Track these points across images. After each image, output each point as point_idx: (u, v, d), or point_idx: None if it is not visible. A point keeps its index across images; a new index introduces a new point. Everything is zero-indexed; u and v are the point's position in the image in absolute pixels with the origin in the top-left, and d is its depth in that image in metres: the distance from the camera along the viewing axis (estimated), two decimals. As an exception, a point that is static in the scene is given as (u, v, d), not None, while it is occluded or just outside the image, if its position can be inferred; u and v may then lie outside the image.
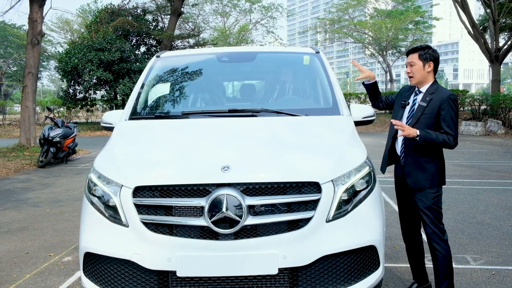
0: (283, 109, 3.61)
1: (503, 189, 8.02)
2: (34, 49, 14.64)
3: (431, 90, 3.45)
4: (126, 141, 3.38)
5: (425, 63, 3.46)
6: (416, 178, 3.45)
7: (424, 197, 3.43)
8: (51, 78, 68.34)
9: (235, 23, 50.30)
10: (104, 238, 2.76)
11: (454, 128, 3.36)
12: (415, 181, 3.45)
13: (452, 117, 3.36)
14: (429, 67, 3.46)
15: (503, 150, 13.88)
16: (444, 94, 3.40)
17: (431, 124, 3.38)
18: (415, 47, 3.54)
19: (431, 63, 3.47)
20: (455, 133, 3.36)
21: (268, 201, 2.59)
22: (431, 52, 3.47)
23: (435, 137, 3.31)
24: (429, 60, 3.46)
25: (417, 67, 3.47)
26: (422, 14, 44.72)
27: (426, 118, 3.39)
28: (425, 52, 3.47)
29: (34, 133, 14.82)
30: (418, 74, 3.47)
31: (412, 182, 3.47)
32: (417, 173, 3.44)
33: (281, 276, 2.62)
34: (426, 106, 3.41)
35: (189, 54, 4.86)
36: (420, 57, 3.46)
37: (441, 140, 3.31)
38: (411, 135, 3.31)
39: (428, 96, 3.43)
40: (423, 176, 3.43)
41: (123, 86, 24.88)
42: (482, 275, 4.15)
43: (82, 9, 46.18)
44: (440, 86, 3.51)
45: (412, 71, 3.50)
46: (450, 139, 3.33)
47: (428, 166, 3.43)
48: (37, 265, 4.62)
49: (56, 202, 7.56)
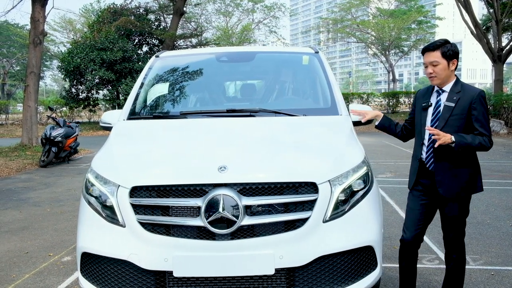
0: (281, 109, 3.60)
1: (505, 189, 7.99)
2: (36, 49, 14.67)
3: (456, 89, 3.16)
4: (123, 141, 3.38)
5: (449, 61, 3.13)
6: (450, 187, 3.15)
7: (456, 206, 3.19)
8: (54, 77, 68.51)
9: (237, 23, 50.32)
10: (101, 238, 2.76)
11: (488, 128, 3.11)
12: (448, 189, 3.16)
13: (485, 116, 3.10)
14: (453, 65, 3.15)
15: (505, 150, 13.84)
16: (474, 92, 3.12)
17: (461, 126, 3.10)
18: (436, 44, 3.16)
19: (455, 60, 3.16)
20: (489, 133, 3.12)
21: (265, 201, 2.59)
22: (454, 48, 3.14)
23: (471, 140, 3.04)
24: (453, 58, 3.14)
25: (441, 66, 3.12)
26: (425, 14, 44.64)
27: (455, 119, 3.11)
28: (448, 49, 3.12)
29: (36, 133, 14.85)
30: (443, 74, 3.14)
31: (445, 191, 3.16)
32: (451, 181, 3.15)
33: (278, 276, 2.61)
34: (455, 106, 3.12)
35: (188, 54, 4.86)
36: (444, 55, 3.12)
37: (477, 143, 3.04)
38: (446, 142, 3.02)
39: (455, 95, 3.14)
40: (457, 183, 3.14)
41: (125, 86, 24.93)
42: (481, 275, 4.13)
43: (85, 9, 46.27)
44: (464, 83, 3.22)
45: (436, 71, 3.14)
46: (486, 140, 3.07)
47: (461, 172, 3.15)
48: (36, 265, 4.63)
49: (57, 202, 7.58)
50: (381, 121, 3.54)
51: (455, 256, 3.27)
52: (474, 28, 22.95)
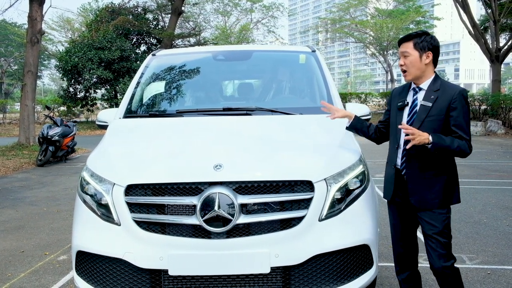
0: (278, 107, 3.60)
1: (501, 189, 8.00)
2: (34, 48, 14.64)
3: (434, 87, 2.84)
4: (119, 139, 3.37)
5: (422, 53, 2.83)
6: (422, 196, 2.83)
7: (433, 220, 2.82)
8: (52, 77, 68.41)
9: (236, 23, 50.32)
10: (96, 236, 2.75)
11: (468, 132, 2.78)
12: (421, 199, 2.84)
13: (465, 117, 2.77)
14: (427, 58, 2.84)
15: (503, 150, 13.86)
16: (453, 90, 2.78)
17: (438, 129, 2.77)
18: (409, 34, 2.89)
19: (430, 53, 2.84)
20: (469, 137, 2.78)
21: (260, 199, 2.58)
22: (428, 39, 2.84)
23: (449, 143, 2.71)
24: (426, 50, 2.83)
25: (412, 58, 2.84)
26: (423, 14, 44.67)
27: (432, 121, 2.79)
28: (422, 39, 2.83)
29: (34, 132, 14.82)
30: (414, 67, 2.85)
31: (417, 200, 2.85)
32: (424, 189, 2.83)
33: (274, 275, 2.61)
34: (432, 106, 2.80)
35: (185, 53, 4.85)
36: (416, 46, 2.83)
37: (455, 147, 2.70)
38: (422, 142, 2.69)
39: (433, 94, 2.82)
40: (430, 193, 2.81)
41: (123, 85, 24.86)
42: (477, 274, 4.13)
43: (83, 8, 46.25)
44: (444, 81, 2.89)
45: (406, 63, 2.86)
46: (465, 145, 2.74)
47: (437, 180, 2.82)
48: (32, 263, 4.61)
49: (54, 201, 7.56)
50: (352, 122, 3.22)
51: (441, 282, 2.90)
52: (472, 28, 22.97)
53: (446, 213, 2.84)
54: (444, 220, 2.82)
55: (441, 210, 2.83)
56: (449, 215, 2.86)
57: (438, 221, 2.82)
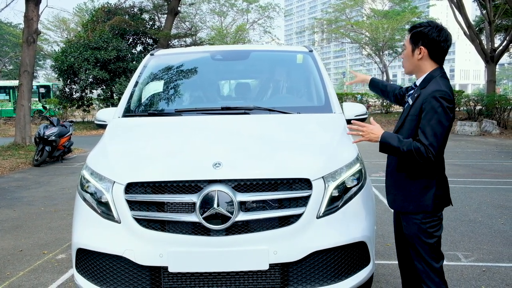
0: (276, 106, 3.63)
1: (496, 188, 8.07)
2: (30, 48, 14.61)
3: (423, 84, 2.66)
4: (119, 138, 3.40)
5: (414, 48, 2.67)
6: (394, 198, 2.77)
7: (407, 222, 2.73)
8: (48, 77, 68.09)
9: (232, 23, 50.32)
10: (96, 234, 2.77)
11: (430, 136, 2.52)
12: (393, 200, 2.79)
13: (431, 121, 2.52)
14: (419, 54, 2.65)
15: (498, 150, 13.94)
16: (430, 89, 2.58)
17: (413, 129, 2.62)
18: (414, 25, 2.69)
19: (422, 48, 2.64)
20: (431, 142, 2.51)
21: (259, 197, 2.61)
22: (426, 32, 2.61)
23: (398, 144, 2.55)
24: (419, 44, 2.64)
25: (406, 52, 2.72)
26: (418, 15, 44.78)
27: (409, 121, 2.65)
28: (418, 31, 2.64)
29: (30, 132, 14.79)
30: (408, 61, 2.73)
31: (390, 201, 2.82)
32: (397, 190, 2.74)
33: (272, 271, 2.64)
34: (412, 104, 2.66)
35: (183, 52, 4.87)
36: (411, 38, 2.68)
37: (405, 149, 2.52)
38: (373, 140, 2.67)
39: (418, 91, 2.67)
40: (402, 196, 2.71)
41: (119, 85, 24.82)
42: (472, 271, 4.18)
43: (79, 8, 46.08)
44: (437, 78, 2.63)
45: (403, 56, 2.77)
46: (421, 149, 2.50)
47: (410, 183, 2.67)
48: (30, 262, 4.63)
49: (51, 201, 7.56)
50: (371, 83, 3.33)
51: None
52: (467, 29, 23.10)
53: (419, 219, 2.65)
54: (419, 225, 2.66)
55: (414, 216, 2.67)
56: (427, 221, 2.65)
57: (411, 226, 2.70)
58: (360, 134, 2.71)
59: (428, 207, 2.64)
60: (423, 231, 2.67)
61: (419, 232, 2.68)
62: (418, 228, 2.67)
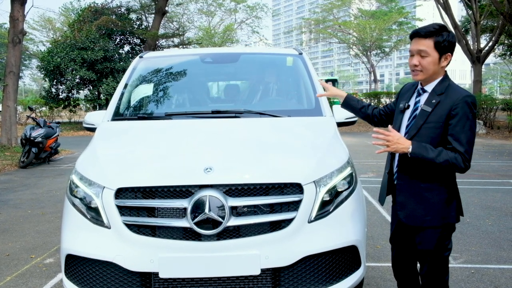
0: (266, 110, 3.63)
1: (483, 188, 8.15)
2: (16, 48, 14.44)
3: (439, 90, 2.53)
4: (108, 142, 3.37)
5: (441, 55, 2.50)
6: (414, 212, 2.59)
7: (424, 237, 2.60)
8: (33, 77, 67.43)
9: (220, 23, 50.24)
10: (86, 240, 2.74)
11: (465, 143, 2.42)
12: (411, 215, 2.60)
13: (465, 127, 2.42)
14: (445, 61, 2.52)
15: (484, 150, 14.09)
16: (457, 95, 2.46)
17: (436, 138, 2.49)
18: (429, 30, 2.48)
19: (449, 54, 2.52)
20: (466, 149, 2.42)
21: (250, 202, 2.60)
22: (450, 39, 2.48)
23: (434, 155, 2.41)
24: (447, 51, 2.50)
25: (430, 60, 2.49)
26: (405, 15, 45.20)
27: (429, 128, 2.51)
28: (444, 38, 2.47)
29: (16, 133, 14.62)
30: (431, 69, 2.51)
31: (407, 216, 2.62)
32: (415, 204, 2.58)
33: (264, 276, 2.63)
34: (431, 112, 2.50)
35: (172, 55, 4.85)
36: (437, 46, 2.47)
37: (442, 160, 2.40)
38: (400, 150, 2.48)
39: (435, 97, 2.52)
40: (423, 209, 2.55)
41: (106, 86, 24.64)
42: (461, 273, 4.21)
43: (64, 8, 45.61)
44: (453, 83, 2.56)
45: (423, 64, 2.51)
46: (457, 159, 2.40)
47: (431, 195, 2.53)
48: (18, 267, 4.57)
49: (38, 203, 7.48)
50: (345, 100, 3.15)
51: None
52: (453, 29, 23.30)
53: (439, 233, 2.57)
54: (437, 240, 2.58)
55: (433, 230, 2.57)
56: (446, 234, 2.59)
57: (429, 240, 2.61)
58: (386, 144, 2.52)
59: (452, 218, 2.59)
60: (441, 245, 2.61)
61: (437, 246, 2.60)
62: (438, 242, 2.60)
